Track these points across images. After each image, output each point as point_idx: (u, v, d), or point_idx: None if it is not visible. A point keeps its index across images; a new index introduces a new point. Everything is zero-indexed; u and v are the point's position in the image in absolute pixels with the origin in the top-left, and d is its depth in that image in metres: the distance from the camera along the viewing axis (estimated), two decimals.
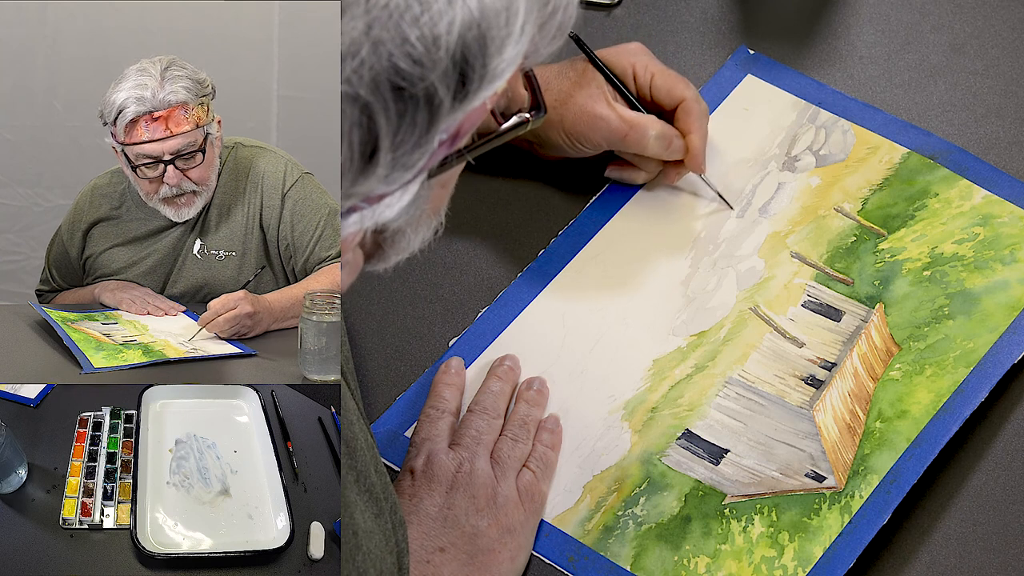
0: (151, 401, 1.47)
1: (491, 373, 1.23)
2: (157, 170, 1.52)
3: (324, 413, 1.51)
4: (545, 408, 1.22)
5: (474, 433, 1.17)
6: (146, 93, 1.49)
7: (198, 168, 1.53)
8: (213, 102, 1.56)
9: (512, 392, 1.23)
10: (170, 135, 1.50)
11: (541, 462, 1.18)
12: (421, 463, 1.15)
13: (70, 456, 1.36)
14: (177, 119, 1.50)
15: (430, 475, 1.14)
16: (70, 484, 1.30)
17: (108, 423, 1.42)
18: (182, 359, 1.41)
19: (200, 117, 1.52)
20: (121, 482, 1.32)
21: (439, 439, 1.17)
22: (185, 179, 1.53)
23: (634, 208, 1.34)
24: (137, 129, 1.49)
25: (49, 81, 2.20)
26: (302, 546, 1.25)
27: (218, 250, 1.57)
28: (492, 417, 1.19)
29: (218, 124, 1.56)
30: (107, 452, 1.37)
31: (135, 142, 1.50)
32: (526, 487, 1.16)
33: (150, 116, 1.49)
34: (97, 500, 1.28)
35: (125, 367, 1.37)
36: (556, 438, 1.20)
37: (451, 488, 1.13)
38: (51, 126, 2.21)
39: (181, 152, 1.51)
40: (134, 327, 1.51)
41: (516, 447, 1.18)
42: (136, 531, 1.23)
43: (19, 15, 2.17)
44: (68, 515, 1.26)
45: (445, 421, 1.19)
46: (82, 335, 1.44)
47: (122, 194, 1.63)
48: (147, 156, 1.51)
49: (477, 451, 1.16)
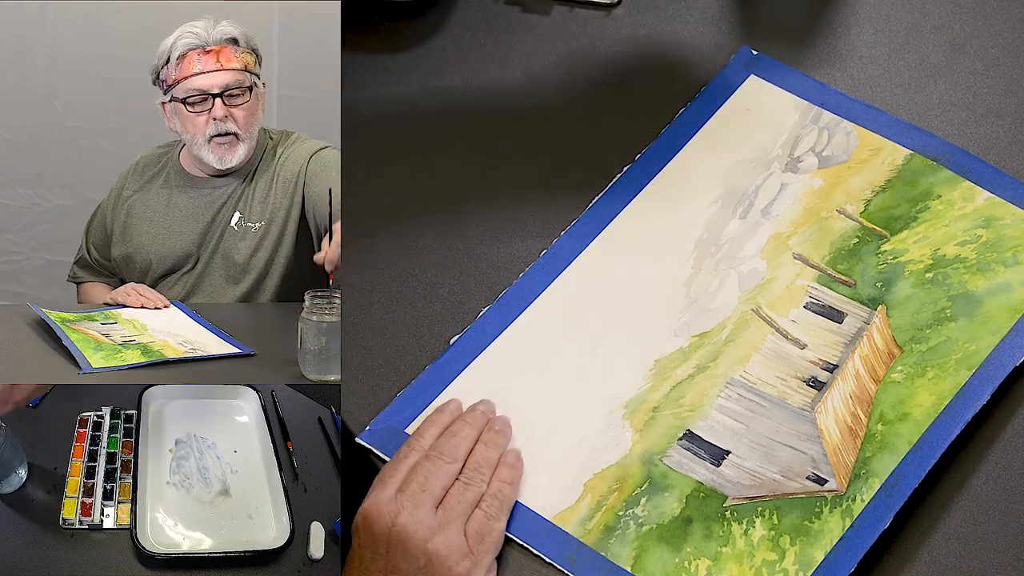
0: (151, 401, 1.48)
1: (461, 417, 1.20)
2: (206, 104, 1.59)
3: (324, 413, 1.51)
4: (504, 447, 1.19)
5: (421, 479, 1.13)
6: (198, 31, 1.58)
7: (243, 110, 1.60)
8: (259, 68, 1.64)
9: (477, 438, 1.19)
10: (220, 68, 1.58)
11: (495, 500, 1.14)
12: (361, 517, 1.11)
13: (70, 456, 1.36)
14: (227, 55, 1.59)
15: (370, 534, 1.10)
16: (70, 484, 1.31)
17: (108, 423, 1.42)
18: (181, 359, 1.41)
19: (248, 62, 1.60)
20: (121, 482, 1.32)
21: (391, 483, 1.13)
22: (230, 118, 1.59)
23: (637, 208, 1.34)
24: (189, 62, 1.58)
25: (49, 81, 2.20)
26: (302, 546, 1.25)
27: (254, 223, 1.62)
28: (446, 462, 1.15)
29: (263, 86, 1.64)
30: (107, 452, 1.37)
31: (187, 75, 1.58)
32: (476, 529, 1.12)
33: (202, 50, 1.58)
34: (97, 500, 1.29)
35: (124, 367, 1.37)
36: (516, 472, 1.17)
37: (388, 549, 1.10)
38: (51, 126, 2.21)
39: (229, 87, 1.59)
40: (133, 327, 1.51)
41: (467, 491, 1.14)
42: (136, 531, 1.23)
43: (19, 15, 2.17)
44: (68, 515, 1.26)
45: (410, 461, 1.15)
46: (81, 335, 1.44)
47: (165, 163, 1.69)
48: (197, 89, 1.58)
49: (420, 500, 1.11)
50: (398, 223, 1.35)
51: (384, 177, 1.38)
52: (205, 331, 1.51)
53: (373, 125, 1.42)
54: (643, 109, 1.40)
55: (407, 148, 1.40)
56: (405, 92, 1.44)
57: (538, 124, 1.40)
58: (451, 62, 1.45)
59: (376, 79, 1.45)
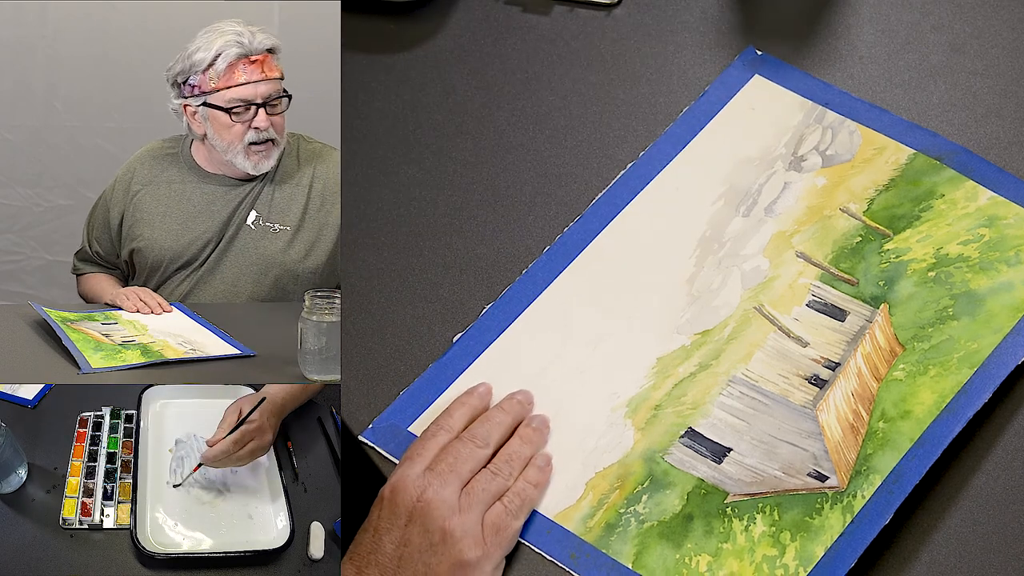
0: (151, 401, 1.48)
1: (499, 404, 1.21)
2: (248, 114, 1.59)
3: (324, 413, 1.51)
4: (540, 447, 1.20)
5: (451, 460, 1.14)
6: (243, 39, 1.57)
7: (282, 117, 1.61)
8: None
9: (513, 427, 1.20)
10: (265, 78, 1.58)
11: (517, 497, 1.15)
12: (389, 489, 1.12)
13: (70, 456, 1.36)
14: (270, 64, 1.59)
15: (393, 504, 1.11)
16: (70, 484, 1.31)
17: (108, 423, 1.42)
18: (181, 359, 1.41)
19: (282, 70, 1.61)
20: (121, 482, 1.32)
21: (419, 460, 1.14)
22: (271, 126, 1.60)
23: (639, 207, 1.34)
24: (235, 71, 1.57)
25: (49, 81, 2.20)
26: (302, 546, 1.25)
27: (273, 223, 1.62)
28: (478, 446, 1.16)
29: None
30: (107, 452, 1.37)
31: (232, 84, 1.58)
32: (493, 521, 1.12)
33: (247, 59, 1.57)
34: (97, 500, 1.29)
35: (123, 367, 1.37)
36: (543, 477, 1.17)
37: (408, 521, 1.10)
38: (51, 126, 2.22)
39: (271, 97, 1.59)
40: (133, 327, 1.51)
41: (494, 481, 1.14)
42: (136, 531, 1.23)
43: (19, 15, 2.17)
44: (68, 515, 1.26)
45: (438, 440, 1.16)
46: (81, 335, 1.44)
47: (175, 157, 1.68)
48: (241, 99, 1.58)
49: (447, 479, 1.12)
50: (398, 223, 1.35)
51: (384, 177, 1.38)
52: (205, 331, 1.51)
53: (373, 125, 1.42)
54: (642, 109, 1.40)
55: (407, 148, 1.40)
56: (405, 92, 1.44)
57: (538, 124, 1.40)
58: (451, 62, 1.45)
59: (376, 79, 1.45)
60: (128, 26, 2.15)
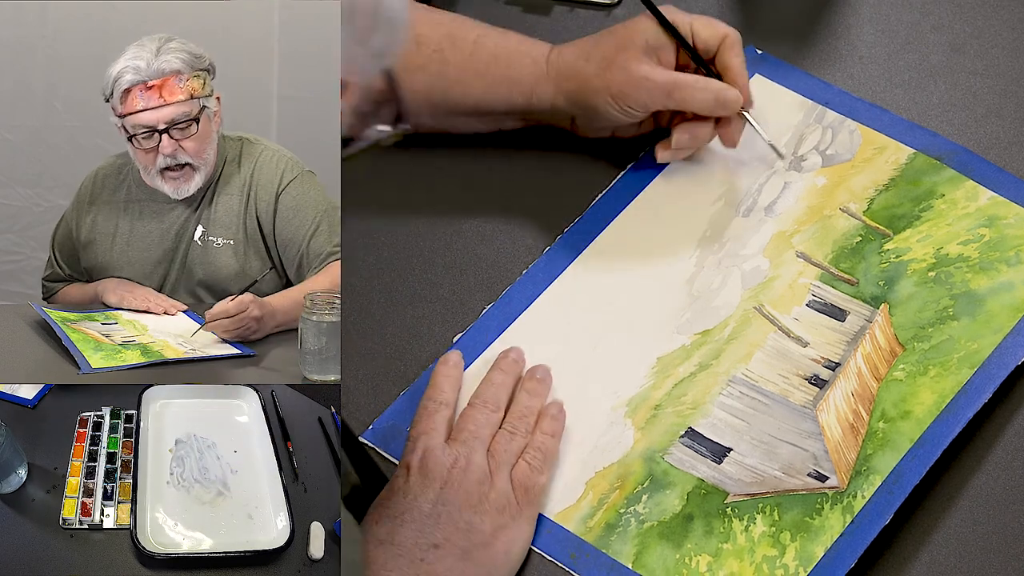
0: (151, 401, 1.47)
1: (495, 365, 1.22)
2: (153, 140, 1.54)
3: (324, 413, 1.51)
4: (547, 397, 1.21)
5: (472, 428, 1.16)
6: (140, 63, 1.53)
7: (193, 140, 1.56)
8: (213, 81, 1.58)
9: (515, 384, 1.22)
10: (164, 103, 1.53)
11: (539, 452, 1.17)
12: (417, 459, 1.14)
13: (70, 456, 1.36)
14: (171, 88, 1.54)
15: (425, 471, 1.13)
16: (70, 484, 1.30)
17: (108, 423, 1.42)
18: (181, 359, 1.41)
19: (195, 89, 1.55)
20: (121, 482, 1.32)
21: (436, 433, 1.16)
22: (180, 150, 1.55)
23: (639, 207, 1.34)
24: (132, 98, 1.53)
25: (49, 81, 2.20)
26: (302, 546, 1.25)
27: (216, 237, 1.59)
28: (491, 410, 1.18)
29: (217, 100, 1.59)
30: (107, 452, 1.37)
31: (130, 112, 1.54)
32: (521, 479, 1.15)
33: (144, 85, 1.53)
34: (97, 500, 1.28)
35: (123, 367, 1.37)
36: (558, 425, 1.19)
37: (445, 484, 1.12)
38: (51, 126, 2.21)
39: (176, 122, 1.54)
40: (134, 327, 1.51)
41: (513, 440, 1.17)
42: (136, 531, 1.23)
43: (19, 15, 2.17)
44: (68, 515, 1.26)
45: (442, 414, 1.18)
46: (81, 335, 1.44)
47: (125, 176, 1.66)
48: (143, 125, 1.54)
49: (474, 446, 1.15)
50: (398, 223, 1.35)
51: (384, 177, 1.38)
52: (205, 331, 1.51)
53: None
54: None
55: (407, 148, 1.40)
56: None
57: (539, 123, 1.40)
58: None
59: None
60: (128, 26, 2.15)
